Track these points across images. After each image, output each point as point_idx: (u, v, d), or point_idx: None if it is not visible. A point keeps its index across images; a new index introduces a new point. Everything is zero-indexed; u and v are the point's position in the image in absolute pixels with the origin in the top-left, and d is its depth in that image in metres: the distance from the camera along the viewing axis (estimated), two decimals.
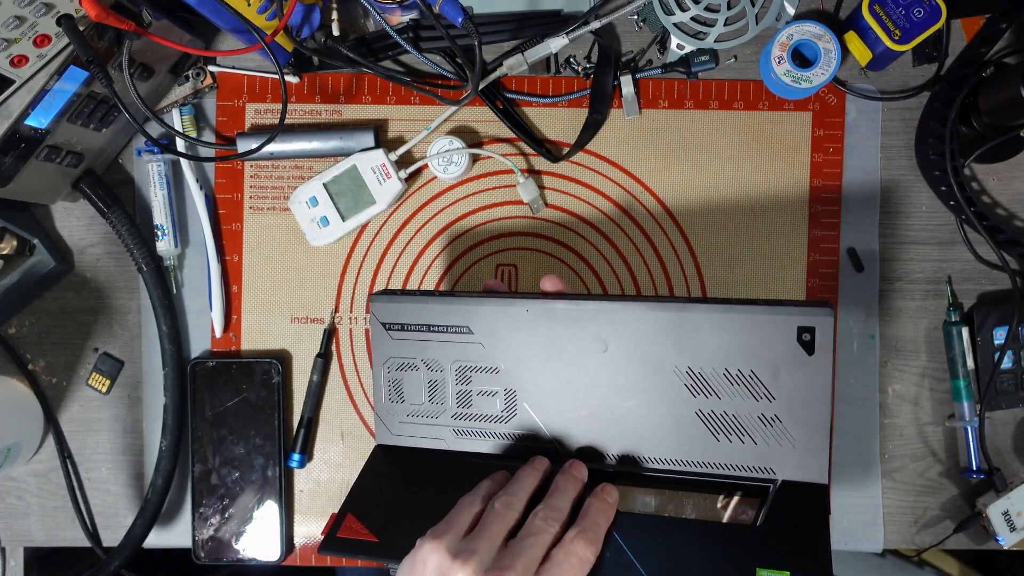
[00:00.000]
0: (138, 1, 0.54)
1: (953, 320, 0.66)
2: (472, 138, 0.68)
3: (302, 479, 0.68)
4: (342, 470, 0.68)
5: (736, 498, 0.46)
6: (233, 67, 0.67)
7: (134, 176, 0.69)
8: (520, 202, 0.67)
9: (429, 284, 0.68)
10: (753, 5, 0.67)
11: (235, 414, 0.67)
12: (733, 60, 0.68)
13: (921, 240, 0.68)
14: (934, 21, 0.61)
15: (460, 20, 0.60)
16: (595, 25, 0.65)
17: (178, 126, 0.67)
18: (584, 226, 0.68)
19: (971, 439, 0.65)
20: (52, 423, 0.68)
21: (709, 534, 0.45)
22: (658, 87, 0.68)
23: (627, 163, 0.68)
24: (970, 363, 0.66)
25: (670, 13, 0.66)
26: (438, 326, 0.51)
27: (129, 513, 0.68)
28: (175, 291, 0.68)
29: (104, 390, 0.68)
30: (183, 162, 0.67)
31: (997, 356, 0.65)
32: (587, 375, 0.49)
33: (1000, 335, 0.65)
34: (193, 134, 0.67)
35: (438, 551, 0.41)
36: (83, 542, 0.68)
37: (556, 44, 0.65)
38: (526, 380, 0.50)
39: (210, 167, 0.68)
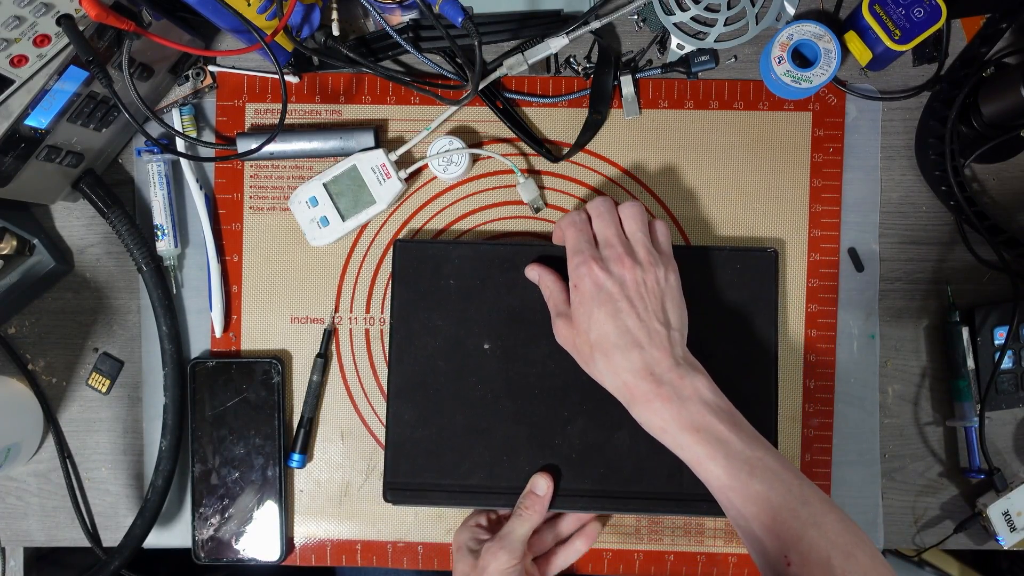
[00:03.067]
0: (138, 1, 0.54)
1: (953, 320, 0.66)
2: (472, 138, 0.68)
3: (302, 479, 0.68)
4: (342, 470, 0.68)
5: None
6: (233, 67, 0.67)
7: (134, 176, 0.69)
8: (520, 202, 0.67)
9: None
10: (753, 5, 0.67)
11: (235, 414, 0.67)
12: (733, 60, 0.68)
13: (921, 240, 0.68)
14: (934, 21, 0.61)
15: (460, 20, 0.60)
16: (595, 25, 0.65)
17: (178, 126, 0.67)
18: None
19: (971, 439, 0.65)
20: (52, 423, 0.68)
21: None
22: (658, 87, 0.68)
23: (627, 163, 0.68)
24: (970, 363, 0.66)
25: (670, 13, 0.66)
26: None
27: (129, 513, 0.68)
28: (175, 291, 0.68)
29: (104, 390, 0.68)
30: (183, 162, 0.67)
31: (997, 356, 0.65)
32: None
33: (1000, 335, 0.65)
34: (193, 134, 0.67)
35: None
36: (83, 542, 0.68)
37: (556, 44, 0.65)
38: None
39: (210, 167, 0.68)
